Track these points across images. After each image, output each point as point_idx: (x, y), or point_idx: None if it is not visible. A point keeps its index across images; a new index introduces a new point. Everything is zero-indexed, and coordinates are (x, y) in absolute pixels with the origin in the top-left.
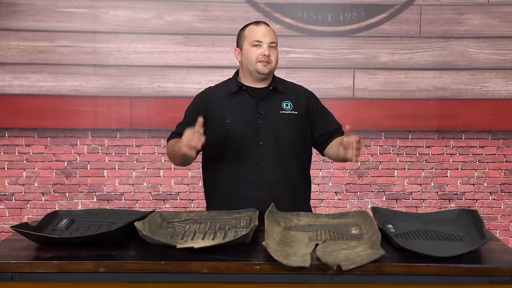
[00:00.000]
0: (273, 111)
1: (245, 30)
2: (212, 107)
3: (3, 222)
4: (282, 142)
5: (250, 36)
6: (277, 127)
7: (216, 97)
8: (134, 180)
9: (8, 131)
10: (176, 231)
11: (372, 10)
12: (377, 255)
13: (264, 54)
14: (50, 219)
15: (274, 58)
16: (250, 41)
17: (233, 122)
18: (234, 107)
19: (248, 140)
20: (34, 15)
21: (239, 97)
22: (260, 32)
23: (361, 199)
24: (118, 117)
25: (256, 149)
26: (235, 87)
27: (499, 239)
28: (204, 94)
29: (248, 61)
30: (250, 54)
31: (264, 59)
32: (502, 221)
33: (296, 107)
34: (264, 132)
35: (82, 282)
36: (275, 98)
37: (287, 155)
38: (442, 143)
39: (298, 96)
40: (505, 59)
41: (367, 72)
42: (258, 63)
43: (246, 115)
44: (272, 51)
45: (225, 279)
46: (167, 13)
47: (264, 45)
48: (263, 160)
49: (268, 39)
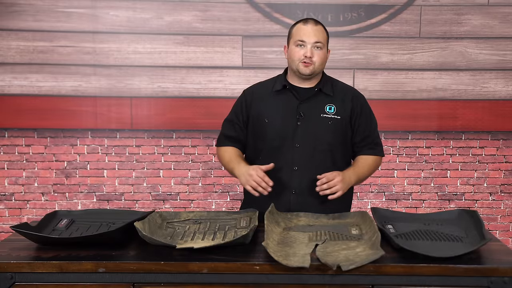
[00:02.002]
0: (314, 113)
1: (293, 29)
2: (255, 104)
3: (3, 222)
4: (319, 147)
5: (296, 35)
6: (316, 131)
7: (260, 94)
8: (134, 180)
9: (8, 131)
10: (176, 231)
11: (372, 10)
12: (377, 255)
13: (305, 55)
14: (50, 219)
15: (318, 59)
16: (294, 40)
17: (272, 121)
18: (275, 106)
19: (284, 142)
20: (34, 15)
21: (282, 96)
22: (305, 31)
23: (360, 199)
24: (118, 117)
25: (291, 151)
26: (280, 85)
27: (498, 239)
28: (250, 90)
29: (291, 61)
30: (293, 53)
31: (306, 60)
32: (502, 222)
33: (339, 111)
34: (301, 134)
35: (81, 282)
36: (319, 100)
37: (323, 160)
38: (442, 144)
39: (344, 99)
40: (505, 59)
41: (367, 72)
42: (300, 64)
43: (286, 115)
44: (316, 52)
45: (224, 279)
46: (167, 13)
47: (308, 46)
48: (296, 163)
49: (312, 39)
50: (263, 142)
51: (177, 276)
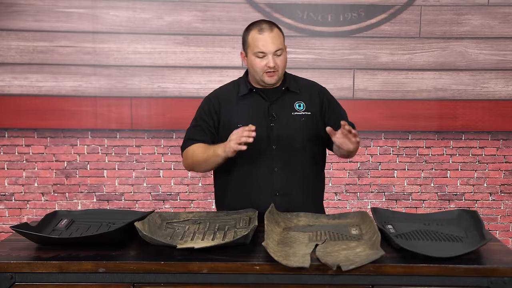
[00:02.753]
0: (286, 113)
1: (248, 37)
2: (223, 110)
3: (3, 222)
4: (295, 145)
5: (253, 45)
6: (290, 130)
7: (227, 99)
8: (134, 180)
9: (8, 131)
10: (176, 231)
11: (372, 10)
12: (377, 255)
13: (269, 65)
14: (49, 219)
15: (281, 65)
16: (253, 51)
17: (245, 126)
18: (246, 110)
19: (260, 145)
20: (34, 15)
21: (250, 100)
22: (263, 42)
23: (361, 199)
24: (118, 117)
25: (268, 153)
26: (245, 89)
27: (498, 239)
28: (215, 95)
29: (254, 71)
30: (254, 64)
31: (270, 70)
32: (502, 222)
33: (309, 107)
34: (277, 135)
35: (81, 282)
36: (287, 99)
37: (301, 157)
38: (442, 144)
39: (311, 95)
40: (505, 59)
41: (367, 72)
42: (264, 74)
43: (258, 118)
44: (278, 59)
45: (224, 279)
46: (167, 13)
47: (269, 56)
48: (276, 164)
49: (272, 47)
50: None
51: (177, 276)
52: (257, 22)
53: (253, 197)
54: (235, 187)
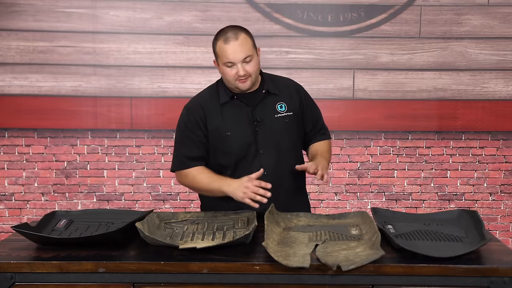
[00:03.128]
0: (269, 116)
1: (216, 47)
2: (209, 118)
3: (3, 222)
4: (282, 147)
5: (221, 56)
6: (275, 133)
7: (210, 107)
8: (134, 180)
9: (8, 131)
10: (175, 231)
11: (372, 10)
12: (377, 255)
13: (239, 74)
14: (48, 219)
15: (252, 70)
16: (223, 61)
17: (233, 134)
18: (231, 118)
19: (248, 151)
20: (34, 15)
21: (233, 106)
22: (230, 51)
23: (361, 199)
24: (118, 117)
25: (257, 158)
26: (226, 97)
27: (498, 239)
28: (196, 104)
29: (227, 81)
30: (225, 74)
31: (241, 78)
32: (502, 222)
33: (290, 107)
34: (263, 139)
35: (81, 282)
36: (269, 101)
37: (288, 159)
38: (442, 144)
39: (290, 94)
40: (505, 59)
41: (367, 72)
42: (236, 82)
43: (245, 125)
44: (248, 66)
45: (224, 279)
46: (167, 13)
47: (238, 65)
48: (265, 169)
49: (239, 56)
50: (228, 155)
51: (177, 276)
52: (223, 30)
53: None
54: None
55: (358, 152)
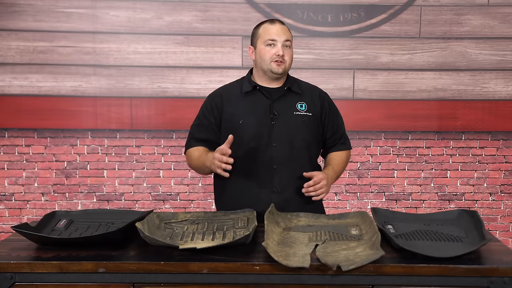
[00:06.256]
0: (287, 112)
1: (260, 28)
2: (226, 107)
3: (3, 222)
4: (296, 144)
5: (264, 34)
6: (291, 129)
7: (230, 96)
8: (134, 180)
9: (8, 131)
10: (175, 231)
11: (372, 10)
12: (377, 255)
13: (278, 53)
14: (48, 219)
15: (289, 58)
16: (264, 40)
17: (246, 123)
18: (248, 107)
19: (261, 142)
20: (34, 15)
21: (253, 97)
22: (274, 30)
23: (360, 199)
24: (118, 117)
25: (268, 150)
26: (249, 86)
27: (498, 239)
28: (217, 93)
29: (262, 60)
30: (264, 53)
31: (279, 59)
32: (502, 222)
33: (310, 109)
34: (278, 133)
35: (81, 282)
36: (289, 99)
37: (301, 157)
38: (442, 144)
39: (313, 97)
40: (505, 59)
41: (367, 72)
42: (272, 63)
43: (260, 116)
44: (286, 50)
45: (224, 279)
46: (167, 13)
47: (279, 44)
48: (276, 162)
49: (282, 37)
50: (239, 143)
51: (177, 276)
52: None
53: (252, 193)
54: (234, 182)
55: (358, 152)
